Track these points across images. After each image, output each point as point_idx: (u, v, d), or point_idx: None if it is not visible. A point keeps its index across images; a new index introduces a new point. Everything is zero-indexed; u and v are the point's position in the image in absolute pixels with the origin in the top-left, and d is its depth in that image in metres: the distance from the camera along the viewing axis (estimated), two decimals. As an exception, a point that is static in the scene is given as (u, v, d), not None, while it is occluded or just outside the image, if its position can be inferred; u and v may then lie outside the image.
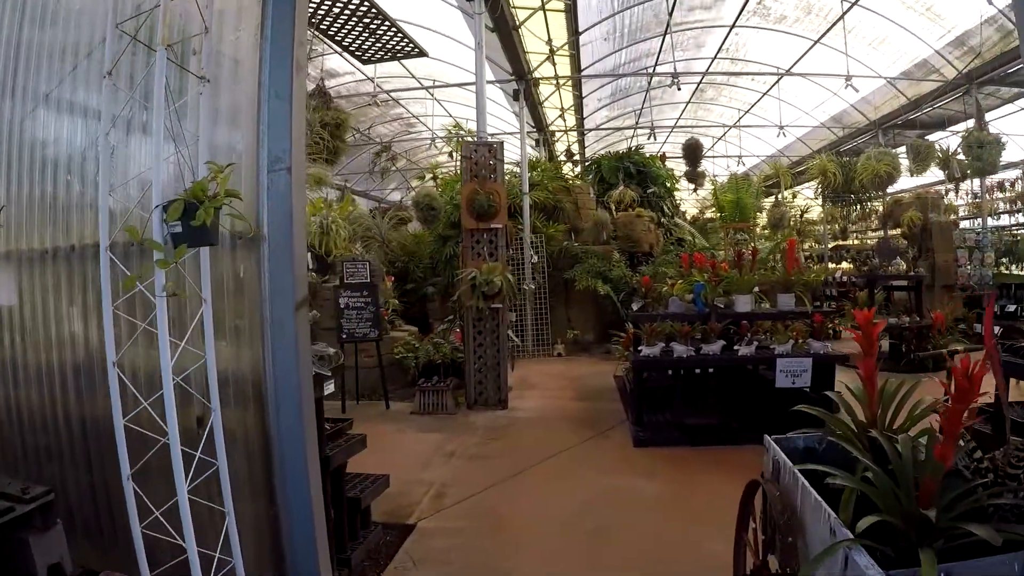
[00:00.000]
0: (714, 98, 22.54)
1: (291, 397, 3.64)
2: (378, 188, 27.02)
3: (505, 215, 9.54)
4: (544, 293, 14.37)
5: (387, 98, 20.08)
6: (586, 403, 9.90)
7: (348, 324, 9.88)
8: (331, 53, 16.76)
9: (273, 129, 3.60)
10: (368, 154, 22.10)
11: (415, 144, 24.47)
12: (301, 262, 3.69)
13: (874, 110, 19.57)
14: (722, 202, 18.35)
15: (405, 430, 8.72)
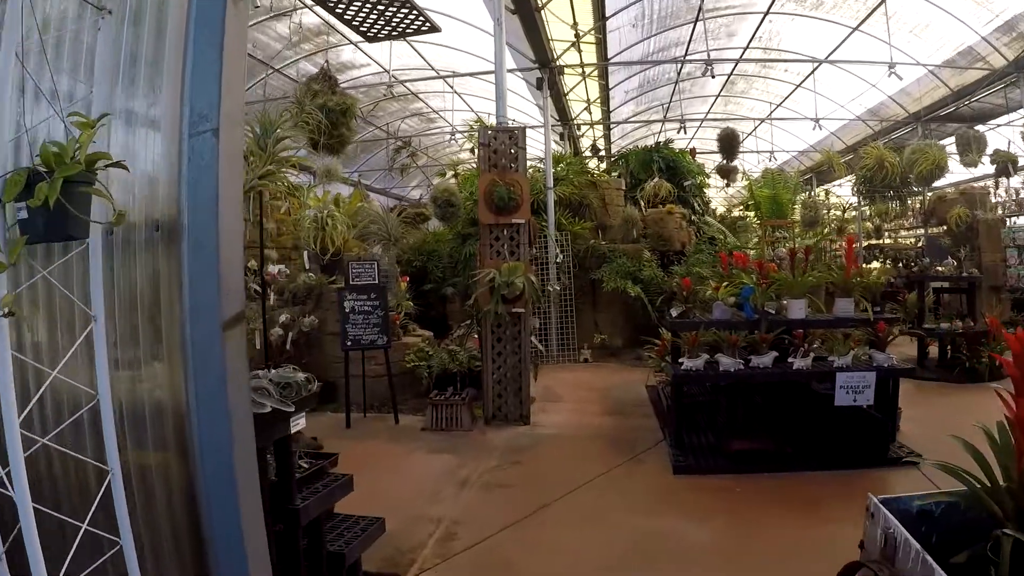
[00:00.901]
0: (745, 91, 21.32)
1: (218, 446, 2.58)
2: (399, 186, 26.06)
3: (528, 209, 8.46)
4: (570, 295, 13.26)
5: (406, 91, 19.11)
6: (617, 418, 8.81)
7: (353, 330, 8.85)
8: (346, 44, 15.84)
9: (197, 76, 2.55)
10: (387, 150, 21.15)
11: (437, 140, 23.46)
12: (233, 265, 2.62)
13: (914, 102, 18.32)
14: (758, 198, 17.12)
15: (414, 450, 7.67)
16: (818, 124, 17.77)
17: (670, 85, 19.56)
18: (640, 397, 9.90)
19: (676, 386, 7.12)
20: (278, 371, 3.86)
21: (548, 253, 13.06)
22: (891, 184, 19.29)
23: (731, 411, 7.61)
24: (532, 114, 18.01)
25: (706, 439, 7.34)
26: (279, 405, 3.46)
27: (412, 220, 19.73)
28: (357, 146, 22.40)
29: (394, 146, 20.55)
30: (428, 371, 9.23)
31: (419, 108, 20.82)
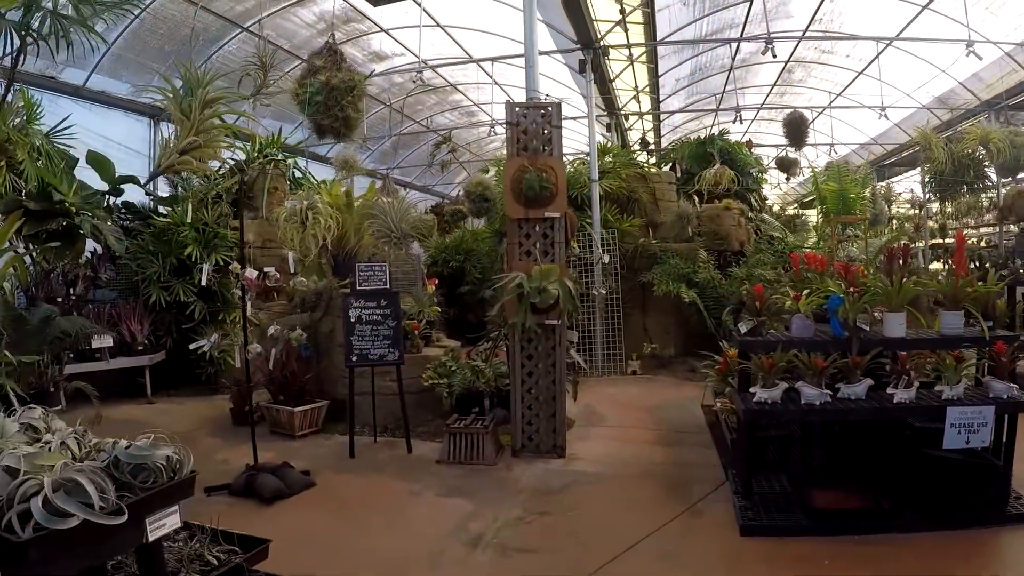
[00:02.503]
0: (803, 79, 19.52)
1: None
2: (442, 183, 24.78)
3: (564, 200, 6.95)
4: (616, 299, 11.68)
5: (443, 83, 17.76)
6: (669, 449, 7.29)
7: (360, 343, 7.44)
8: (376, 31, 14.52)
9: None
10: (427, 145, 19.84)
11: (479, 135, 22.08)
12: None
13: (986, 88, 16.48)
14: (824, 192, 15.37)
15: (421, 491, 6.22)
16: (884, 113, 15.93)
17: (723, 73, 17.95)
18: (695, 420, 8.38)
19: (747, 425, 5.53)
20: (129, 448, 2.47)
21: (593, 253, 11.53)
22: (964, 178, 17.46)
23: (808, 448, 6.04)
24: (576, 104, 16.47)
25: (779, 484, 5.78)
26: (95, 516, 2.02)
27: (451, 218, 18.46)
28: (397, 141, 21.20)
29: (434, 141, 19.20)
30: (448, 390, 7.79)
31: (458, 101, 19.52)
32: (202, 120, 4.20)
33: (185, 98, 4.20)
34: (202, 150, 4.29)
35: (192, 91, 4.20)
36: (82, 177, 11.32)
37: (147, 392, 9.97)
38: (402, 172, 23.33)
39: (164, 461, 2.67)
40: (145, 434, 2.89)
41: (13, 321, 6.75)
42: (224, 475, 6.51)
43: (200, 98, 4.15)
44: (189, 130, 4.15)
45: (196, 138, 4.11)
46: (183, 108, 4.15)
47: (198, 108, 4.14)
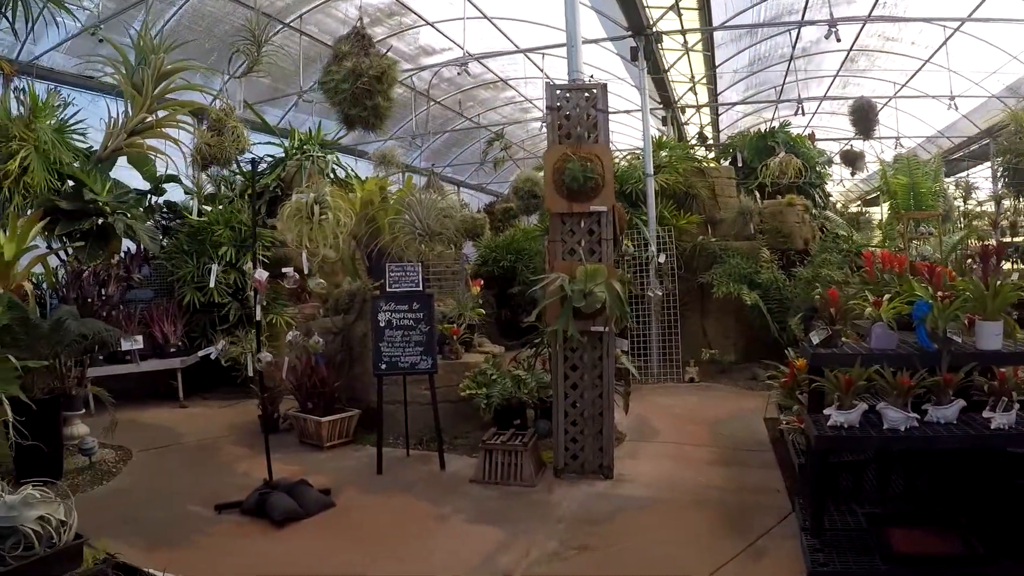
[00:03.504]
0: (866, 69, 18.26)
1: None
2: (496, 181, 24.10)
3: (611, 192, 6.18)
4: (673, 301, 10.82)
5: (495, 78, 17.07)
6: (729, 470, 6.47)
7: (390, 349, 6.77)
8: (421, 25, 13.89)
9: None
10: (480, 143, 19.18)
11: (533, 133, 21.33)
12: None
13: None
14: (893, 186, 14.25)
15: (450, 515, 5.52)
16: (953, 103, 14.75)
17: (783, 64, 16.84)
18: (757, 435, 7.53)
19: (819, 454, 4.68)
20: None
21: (648, 252, 10.72)
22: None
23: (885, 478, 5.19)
24: (629, 96, 15.63)
25: (852, 519, 4.91)
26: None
27: (502, 217, 17.80)
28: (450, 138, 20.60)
29: (486, 138, 18.54)
30: (487, 401, 7.08)
31: (511, 97, 18.78)
32: (157, 96, 3.58)
33: (136, 68, 3.58)
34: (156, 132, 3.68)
35: (146, 61, 3.56)
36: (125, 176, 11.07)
37: (179, 395, 9.48)
38: (454, 171, 22.73)
39: (38, 525, 1.98)
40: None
41: (21, 323, 6.25)
42: (241, 490, 5.95)
43: (155, 68, 3.51)
44: (141, 107, 3.53)
45: (148, 115, 3.48)
46: (135, 82, 3.53)
47: (151, 81, 3.51)
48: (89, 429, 7.23)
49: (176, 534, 5.28)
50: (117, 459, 7.17)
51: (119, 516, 5.64)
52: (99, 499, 6.13)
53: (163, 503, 5.93)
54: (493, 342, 10.12)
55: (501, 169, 19.27)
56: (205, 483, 6.41)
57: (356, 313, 8.24)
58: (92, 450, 6.88)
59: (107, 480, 6.60)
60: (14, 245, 7.30)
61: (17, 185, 8.66)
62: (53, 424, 6.56)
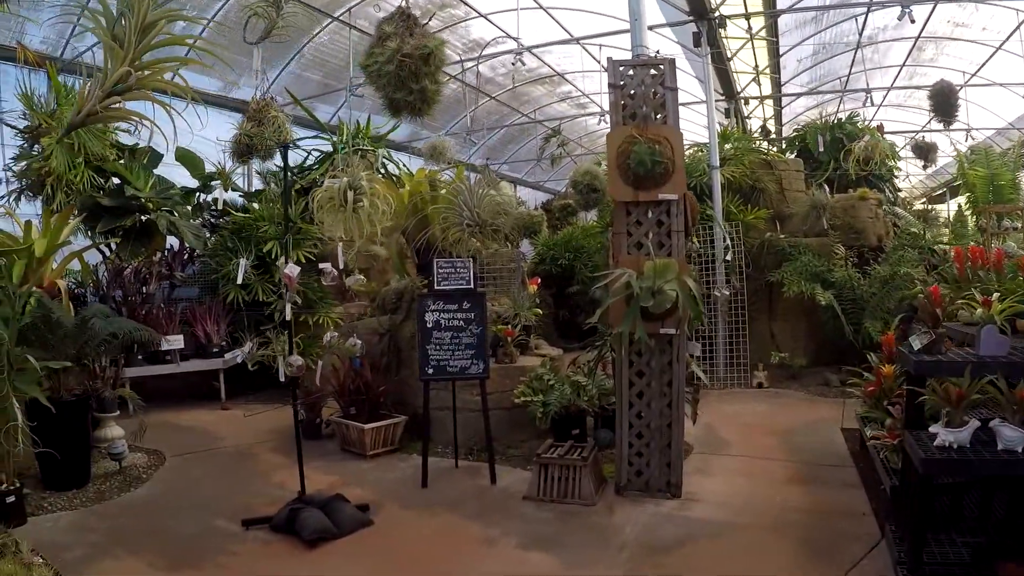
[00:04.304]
0: (934, 58, 17.06)
1: None
2: (554, 179, 23.39)
3: (682, 179, 5.43)
4: (741, 301, 9.98)
5: (551, 72, 16.36)
6: (807, 489, 5.68)
7: (438, 352, 6.13)
8: (474, 17, 13.25)
9: None
10: (537, 139, 18.49)
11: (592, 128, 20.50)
12: None
13: None
14: (971, 179, 13.20)
15: (498, 540, 4.84)
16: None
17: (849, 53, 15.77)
18: (834, 448, 6.72)
19: (922, 479, 3.86)
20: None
21: (715, 248, 9.93)
22: None
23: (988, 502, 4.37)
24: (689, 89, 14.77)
25: (953, 551, 4.08)
26: None
27: (560, 214, 17.14)
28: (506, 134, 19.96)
29: (543, 134, 17.85)
30: (543, 409, 6.40)
31: (567, 92, 18.04)
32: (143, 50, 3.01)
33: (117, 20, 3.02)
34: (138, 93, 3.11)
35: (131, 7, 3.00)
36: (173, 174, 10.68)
37: (221, 397, 8.99)
38: (511, 167, 22.09)
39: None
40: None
41: (46, 323, 5.77)
42: (273, 502, 5.42)
43: (139, 16, 2.93)
44: (121, 62, 2.97)
45: (130, 70, 2.91)
46: (116, 33, 2.97)
47: (138, 31, 2.93)
48: (123, 431, 6.77)
49: (198, 551, 4.76)
50: (149, 464, 6.70)
51: (142, 527, 5.20)
52: (124, 507, 5.69)
53: (189, 515, 5.42)
54: (551, 344, 9.46)
55: (559, 167, 18.57)
56: (236, 494, 5.88)
57: (404, 313, 7.64)
58: (122, 455, 6.40)
59: (135, 487, 6.14)
60: (46, 242, 6.87)
61: (60, 182, 8.29)
62: (81, 427, 6.13)
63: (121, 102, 3.21)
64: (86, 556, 4.69)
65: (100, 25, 3.12)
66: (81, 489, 5.98)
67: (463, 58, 13.67)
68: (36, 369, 5.31)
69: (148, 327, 7.04)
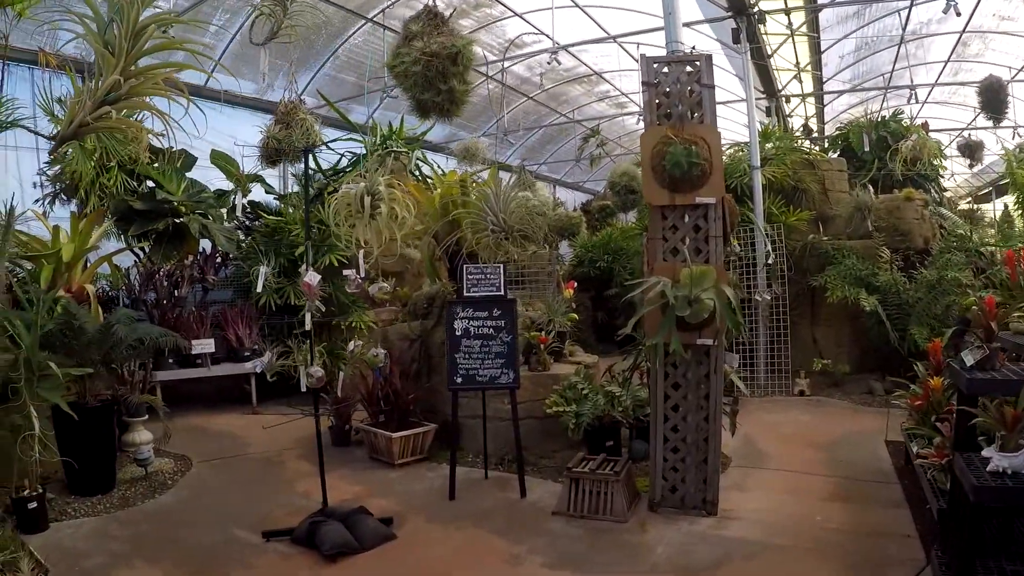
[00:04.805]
0: (979, 53, 16.41)
1: None
2: (593, 179, 23.11)
3: (720, 180, 5.15)
4: (782, 306, 9.61)
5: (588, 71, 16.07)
6: (849, 507, 5.35)
7: (467, 361, 5.91)
8: (509, 16, 13.03)
9: None
10: (575, 140, 18.23)
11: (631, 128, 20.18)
12: None
13: None
14: (1021, 179, 12.63)
15: (525, 559, 4.60)
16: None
17: (892, 48, 15.26)
18: (878, 463, 6.38)
19: (974, 508, 3.53)
20: None
21: (756, 251, 9.61)
22: None
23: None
24: (728, 87, 14.40)
25: None
26: None
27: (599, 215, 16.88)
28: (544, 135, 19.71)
29: (581, 135, 17.59)
30: (576, 420, 6.16)
31: (605, 91, 17.74)
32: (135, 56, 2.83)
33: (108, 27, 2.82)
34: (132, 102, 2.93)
35: (121, 13, 2.80)
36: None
37: (252, 401, 8.87)
38: (550, 168, 21.86)
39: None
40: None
41: (69, 329, 5.66)
42: (296, 513, 5.26)
43: (131, 21, 2.74)
44: (112, 70, 2.79)
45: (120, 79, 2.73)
46: (107, 39, 2.78)
47: (128, 37, 2.73)
48: (151, 436, 6.68)
49: (216, 563, 4.63)
50: (175, 470, 6.60)
51: (162, 536, 5.09)
52: (147, 514, 5.57)
53: (211, 524, 5.29)
54: (587, 348, 9.22)
55: (598, 167, 18.30)
56: (260, 503, 5.74)
57: (435, 318, 7.45)
58: (148, 460, 6.30)
59: (160, 493, 6.03)
60: (73, 246, 6.79)
61: (93, 186, 8.23)
62: (107, 433, 6.05)
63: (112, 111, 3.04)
64: (104, 565, 4.58)
65: (91, 31, 2.95)
66: (106, 495, 5.89)
67: (498, 58, 13.46)
68: (58, 375, 5.21)
69: (175, 332, 6.95)
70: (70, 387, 5.84)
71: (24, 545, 4.13)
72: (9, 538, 3.74)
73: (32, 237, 7.28)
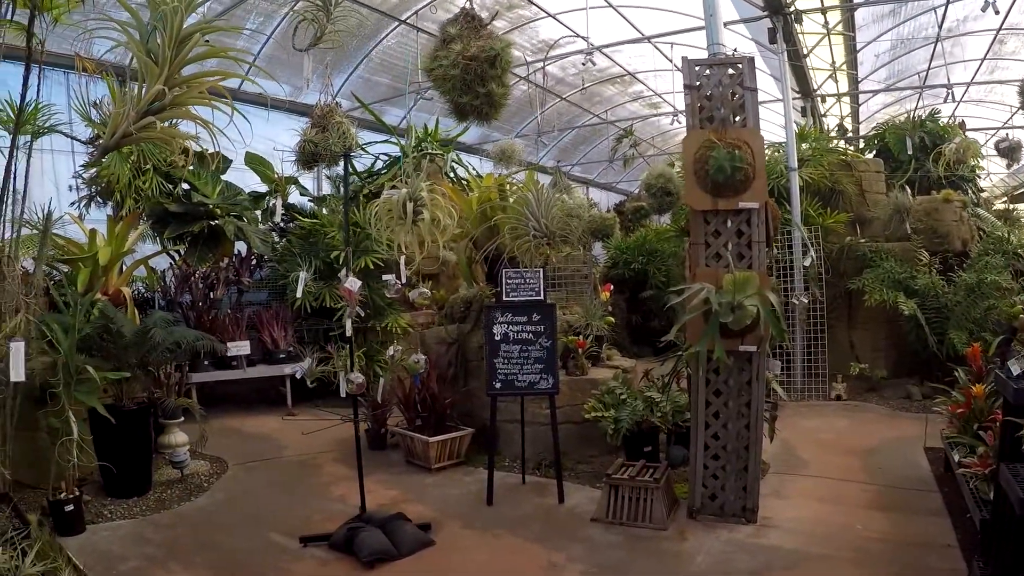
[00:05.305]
0: (1016, 51, 16.05)
1: None
2: (626, 180, 22.97)
3: (763, 185, 5.05)
4: (820, 310, 9.45)
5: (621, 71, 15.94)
6: (888, 516, 5.22)
7: (506, 366, 5.85)
8: (542, 17, 12.95)
9: None
10: (608, 140, 18.11)
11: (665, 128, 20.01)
12: None
13: None
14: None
15: (563, 567, 4.54)
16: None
17: (928, 46, 14.96)
18: (917, 470, 6.24)
19: (1019, 522, 3.40)
20: None
21: (793, 254, 9.44)
22: None
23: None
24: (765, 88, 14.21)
25: None
26: None
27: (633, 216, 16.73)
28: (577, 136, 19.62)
29: (614, 135, 17.47)
30: (615, 426, 6.08)
31: (639, 91, 17.60)
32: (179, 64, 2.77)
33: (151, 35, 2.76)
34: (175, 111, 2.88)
35: (164, 20, 2.75)
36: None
37: (288, 403, 8.88)
38: (583, 169, 21.77)
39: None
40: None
41: (105, 332, 5.68)
42: (333, 518, 5.26)
43: (174, 29, 2.68)
44: (156, 80, 2.75)
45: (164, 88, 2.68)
46: (150, 47, 2.73)
47: (172, 45, 2.67)
48: (187, 438, 6.68)
49: (252, 568, 4.62)
50: (211, 472, 6.61)
51: (197, 540, 5.07)
52: (182, 518, 5.58)
53: (246, 528, 5.28)
54: (622, 351, 9.13)
55: (631, 167, 18.17)
56: (296, 507, 5.73)
57: (472, 322, 7.39)
58: (184, 463, 6.31)
59: (195, 496, 6.05)
60: (110, 249, 6.82)
61: (129, 188, 8.27)
62: (143, 435, 6.06)
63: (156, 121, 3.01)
64: (140, 569, 4.59)
65: (133, 39, 2.92)
66: (142, 497, 5.92)
67: (532, 59, 13.39)
68: (96, 379, 5.23)
69: (211, 335, 6.97)
70: (107, 390, 5.88)
71: (63, 550, 4.12)
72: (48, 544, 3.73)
73: (69, 240, 7.34)
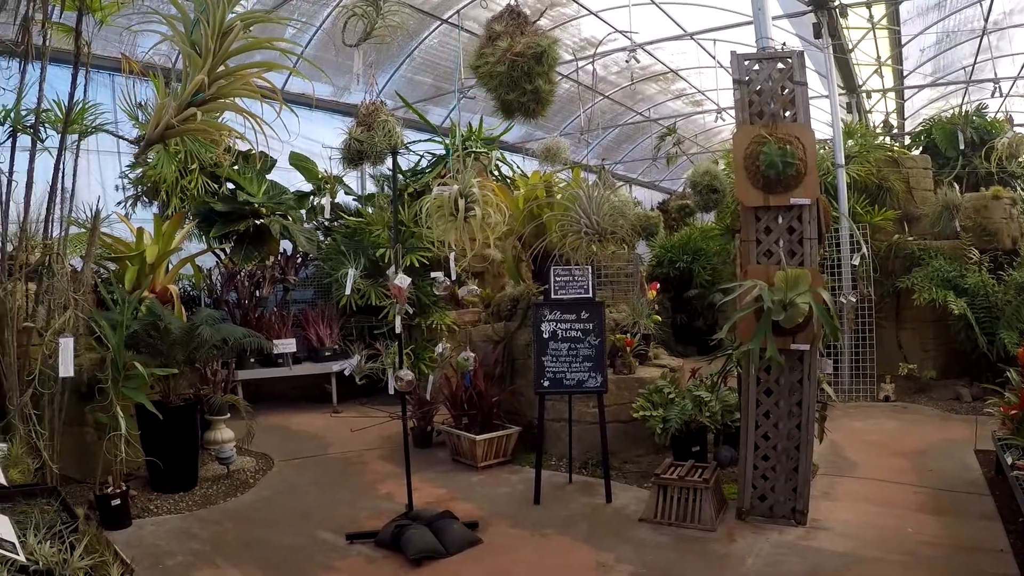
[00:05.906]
0: (1063, 42, 15.65)
1: None
2: (669, 178, 22.77)
3: (815, 181, 4.94)
4: (868, 309, 9.25)
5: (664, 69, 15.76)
6: (939, 519, 5.08)
7: (554, 364, 5.80)
8: (584, 15, 12.85)
9: None
10: (651, 139, 17.95)
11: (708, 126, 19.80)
12: None
13: None
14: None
15: (611, 568, 4.46)
16: None
17: (973, 40, 14.57)
18: (968, 473, 6.06)
19: None
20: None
21: (841, 251, 9.24)
22: None
23: None
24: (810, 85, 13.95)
25: None
26: None
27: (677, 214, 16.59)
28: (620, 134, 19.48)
29: (658, 133, 17.31)
30: (663, 425, 6.00)
31: (682, 89, 17.41)
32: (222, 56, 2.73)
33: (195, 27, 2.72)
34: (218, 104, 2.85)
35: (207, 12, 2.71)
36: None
37: (333, 401, 8.92)
38: (626, 167, 21.59)
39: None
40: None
41: (153, 329, 5.74)
42: (379, 515, 5.25)
43: (217, 20, 2.64)
44: (199, 70, 2.72)
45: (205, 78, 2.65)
46: (194, 39, 2.69)
47: (215, 36, 2.64)
48: (233, 435, 6.75)
49: (299, 565, 4.61)
50: (257, 469, 6.65)
51: (243, 536, 5.08)
52: (228, 513, 5.60)
53: (292, 525, 5.29)
54: (667, 350, 9.03)
55: (674, 165, 17.98)
56: (342, 504, 5.74)
57: (519, 320, 7.37)
58: (230, 459, 6.35)
59: (241, 492, 6.08)
60: (157, 247, 6.90)
61: (175, 188, 8.37)
62: (190, 431, 6.12)
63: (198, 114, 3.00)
64: (186, 564, 4.61)
65: (177, 32, 2.91)
66: (188, 492, 5.97)
67: (574, 57, 13.31)
68: (143, 375, 5.28)
69: (258, 333, 7.01)
70: (154, 386, 5.94)
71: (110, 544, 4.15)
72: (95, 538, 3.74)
73: (116, 239, 7.44)
